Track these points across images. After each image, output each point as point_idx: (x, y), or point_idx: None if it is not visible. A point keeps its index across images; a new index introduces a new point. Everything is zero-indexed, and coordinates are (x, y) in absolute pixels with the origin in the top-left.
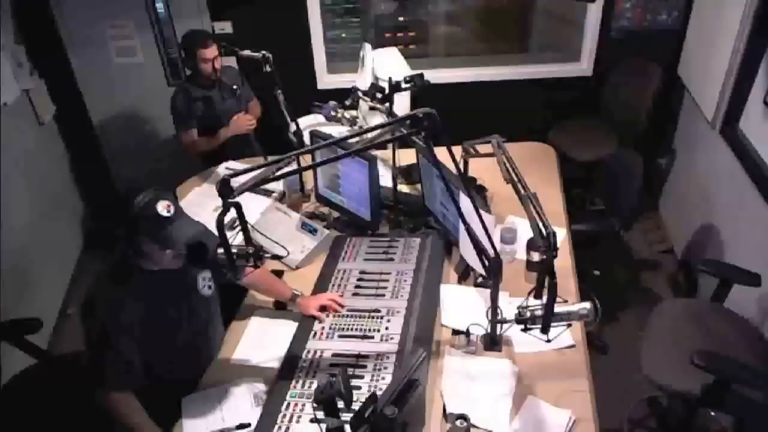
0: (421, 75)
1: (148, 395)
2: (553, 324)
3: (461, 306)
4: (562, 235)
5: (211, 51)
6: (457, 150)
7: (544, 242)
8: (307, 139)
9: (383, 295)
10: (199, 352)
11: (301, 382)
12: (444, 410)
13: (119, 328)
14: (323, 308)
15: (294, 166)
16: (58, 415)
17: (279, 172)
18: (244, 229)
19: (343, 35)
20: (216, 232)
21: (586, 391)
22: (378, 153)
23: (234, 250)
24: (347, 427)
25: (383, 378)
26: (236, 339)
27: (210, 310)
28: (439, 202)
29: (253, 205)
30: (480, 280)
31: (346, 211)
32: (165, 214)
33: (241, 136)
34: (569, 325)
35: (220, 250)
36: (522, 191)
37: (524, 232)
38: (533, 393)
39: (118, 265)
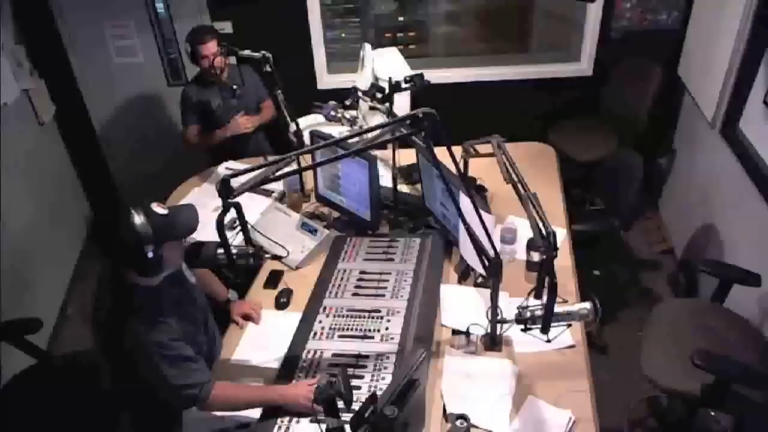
0: (421, 75)
1: (149, 395)
2: (553, 324)
3: (461, 306)
4: (562, 235)
5: (209, 47)
6: (457, 150)
7: (544, 242)
8: (307, 139)
9: (383, 295)
10: (212, 347)
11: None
12: (444, 410)
13: (162, 345)
14: (247, 316)
15: (294, 166)
16: (58, 415)
17: (279, 172)
18: (244, 229)
19: (343, 35)
20: (216, 232)
21: (586, 391)
22: (378, 153)
23: (234, 250)
24: (347, 427)
25: (383, 378)
26: (236, 339)
27: (203, 297)
28: (439, 202)
29: (253, 205)
30: (480, 280)
31: (346, 211)
32: (164, 211)
33: (246, 135)
34: (569, 325)
35: (220, 250)
36: (522, 191)
37: (524, 232)
38: (533, 393)
39: (121, 293)
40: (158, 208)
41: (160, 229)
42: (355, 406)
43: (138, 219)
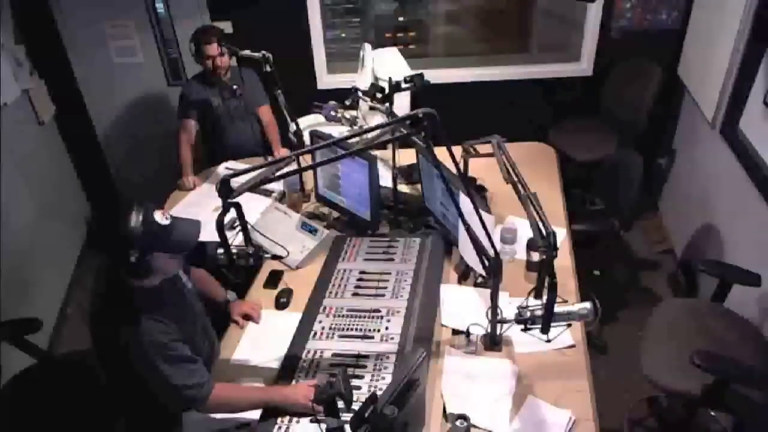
0: (421, 75)
1: (148, 395)
2: (553, 324)
3: (461, 306)
4: (562, 235)
5: (212, 48)
6: (457, 150)
7: (544, 242)
8: (307, 139)
9: (383, 295)
10: (210, 351)
11: (301, 382)
12: (444, 410)
13: (162, 346)
14: (247, 316)
15: (294, 166)
16: (58, 416)
17: (279, 172)
18: (244, 229)
19: (343, 35)
20: (216, 232)
21: (586, 391)
22: (378, 153)
23: (234, 250)
24: (347, 427)
25: (383, 378)
26: (236, 339)
27: (199, 303)
28: (439, 202)
29: (253, 205)
30: (480, 280)
31: (346, 211)
32: (165, 222)
33: (243, 141)
34: (569, 325)
35: (220, 250)
36: (522, 191)
37: (524, 232)
38: (533, 393)
39: (121, 294)
40: (160, 216)
41: (151, 238)
42: (355, 406)
43: (133, 221)
